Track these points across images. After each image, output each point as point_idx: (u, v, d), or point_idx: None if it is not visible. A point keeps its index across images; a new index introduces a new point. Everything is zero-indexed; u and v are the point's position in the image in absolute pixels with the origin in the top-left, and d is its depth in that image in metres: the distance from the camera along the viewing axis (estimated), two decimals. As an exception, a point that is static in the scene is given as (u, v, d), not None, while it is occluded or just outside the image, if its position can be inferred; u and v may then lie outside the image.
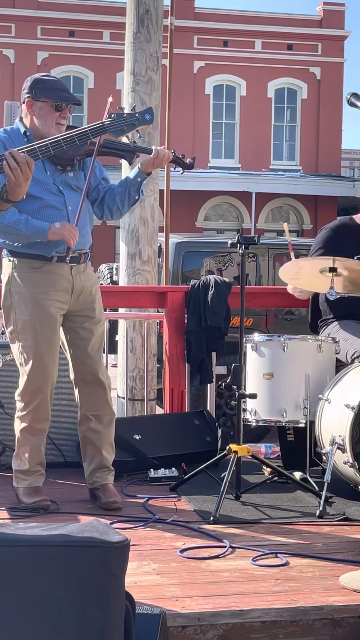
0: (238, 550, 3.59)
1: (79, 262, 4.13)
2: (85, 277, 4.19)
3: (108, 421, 4.27)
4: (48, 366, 4.09)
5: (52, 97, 4.02)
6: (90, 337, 4.19)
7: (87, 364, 4.19)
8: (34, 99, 4.04)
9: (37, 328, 4.06)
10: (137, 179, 4.17)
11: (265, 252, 9.25)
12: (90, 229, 4.25)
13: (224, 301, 5.45)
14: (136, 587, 3.10)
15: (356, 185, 25.72)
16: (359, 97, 3.54)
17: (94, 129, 3.83)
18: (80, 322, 4.19)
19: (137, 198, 4.22)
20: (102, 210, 4.27)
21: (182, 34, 23.48)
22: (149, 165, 4.14)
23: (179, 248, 8.96)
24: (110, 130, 3.85)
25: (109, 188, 4.24)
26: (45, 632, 2.27)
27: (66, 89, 4.12)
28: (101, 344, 4.26)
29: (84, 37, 26.51)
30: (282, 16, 28.39)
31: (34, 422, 4.13)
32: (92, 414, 4.23)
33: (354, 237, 4.90)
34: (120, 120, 3.85)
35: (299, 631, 2.99)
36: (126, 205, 4.23)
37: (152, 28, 6.04)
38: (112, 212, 4.25)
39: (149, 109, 3.96)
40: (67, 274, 4.10)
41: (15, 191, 3.50)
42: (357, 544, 3.69)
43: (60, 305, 4.11)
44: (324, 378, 4.50)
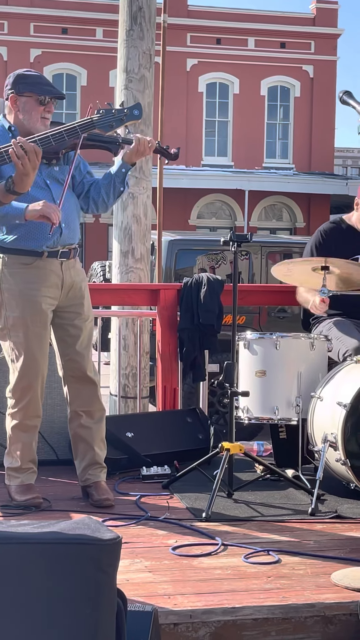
0: (230, 547, 3.60)
1: (68, 257, 4.13)
2: (75, 273, 4.18)
3: (99, 417, 4.27)
4: (39, 362, 4.09)
5: (36, 92, 4.00)
6: (79, 334, 4.19)
7: (76, 360, 4.19)
8: (17, 95, 4.02)
9: (28, 324, 4.06)
10: (122, 169, 4.13)
11: (257, 250, 9.25)
12: (78, 223, 4.24)
13: (216, 299, 5.45)
14: (128, 585, 3.10)
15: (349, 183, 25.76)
16: (351, 95, 3.54)
17: (82, 125, 3.83)
18: (70, 318, 4.18)
19: (122, 190, 4.18)
20: (87, 203, 4.25)
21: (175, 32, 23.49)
22: (132, 155, 4.09)
23: (172, 246, 8.95)
24: (98, 126, 3.85)
25: (94, 181, 4.23)
26: (37, 629, 2.27)
27: (49, 83, 4.09)
28: (90, 341, 4.25)
29: (77, 35, 26.50)
30: (276, 14, 28.41)
31: (25, 419, 4.12)
32: (82, 410, 4.23)
33: (346, 237, 4.91)
34: (108, 116, 3.85)
35: (290, 628, 3.00)
36: (111, 197, 4.20)
37: (145, 25, 6.03)
38: (97, 204, 4.23)
39: (137, 105, 3.95)
40: (57, 270, 4.10)
41: (23, 181, 3.61)
42: (349, 542, 3.70)
43: (51, 301, 4.11)
44: (316, 376, 4.51)
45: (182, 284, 5.58)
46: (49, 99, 4.02)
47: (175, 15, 23.57)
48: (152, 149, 4.11)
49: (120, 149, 4.12)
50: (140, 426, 5.04)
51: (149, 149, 4.09)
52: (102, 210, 4.34)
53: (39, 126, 3.98)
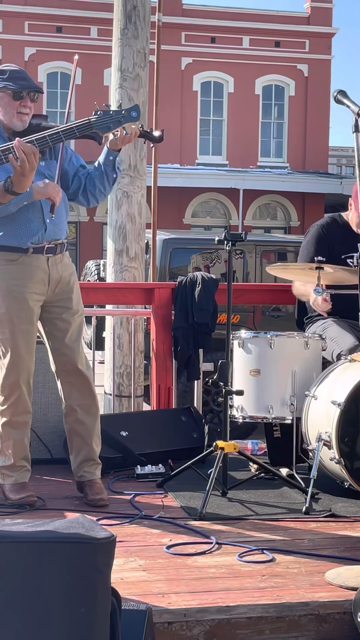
0: (224, 546, 3.60)
1: (55, 252, 4.12)
2: (63, 268, 4.17)
3: (94, 412, 4.27)
4: (25, 359, 4.08)
5: (11, 87, 3.97)
6: (67, 328, 4.18)
7: (66, 354, 4.19)
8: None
9: (14, 321, 4.05)
10: (109, 157, 4.12)
11: (252, 249, 9.26)
12: (66, 220, 4.23)
13: (211, 298, 5.45)
14: (122, 584, 3.10)
15: (343, 182, 25.78)
16: (346, 95, 3.54)
17: (80, 126, 3.83)
18: (58, 313, 4.18)
19: (114, 176, 4.17)
20: (86, 197, 4.24)
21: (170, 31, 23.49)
22: (114, 143, 4.06)
23: (166, 245, 8.95)
24: (96, 128, 3.86)
25: (88, 173, 4.21)
26: (31, 627, 2.27)
27: (26, 78, 4.04)
28: (79, 335, 4.24)
29: (72, 33, 26.49)
30: (270, 13, 28.42)
31: (15, 416, 4.12)
32: (77, 405, 4.23)
33: (342, 234, 4.92)
34: (106, 118, 3.86)
35: (284, 627, 3.00)
36: (107, 186, 4.19)
37: (140, 24, 6.03)
38: (96, 195, 4.22)
39: (135, 106, 3.95)
40: (43, 265, 4.09)
41: (22, 181, 3.73)
42: (343, 540, 3.71)
43: (37, 297, 4.10)
44: (311, 375, 4.51)
45: (176, 282, 5.58)
46: (26, 93, 4.00)
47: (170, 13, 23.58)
48: (136, 134, 4.09)
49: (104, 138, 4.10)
50: (135, 425, 5.04)
51: (133, 135, 4.08)
52: (101, 199, 4.31)
53: (15, 121, 3.99)
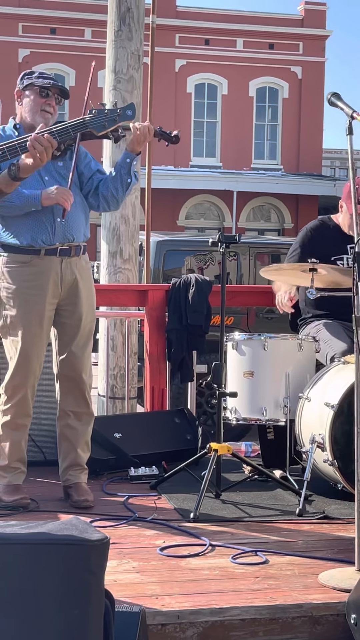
0: (218, 548, 3.60)
1: (69, 254, 4.11)
2: (77, 270, 4.16)
3: (86, 420, 4.27)
4: (32, 362, 4.09)
5: (37, 84, 4.07)
6: (76, 333, 4.19)
7: (70, 360, 4.19)
8: (21, 90, 4.11)
9: (24, 324, 4.06)
10: (126, 159, 4.12)
11: (246, 251, 9.27)
12: (84, 223, 4.20)
13: (204, 300, 5.45)
14: (116, 586, 3.10)
15: (337, 184, 25.81)
16: (339, 97, 3.54)
17: (74, 125, 3.84)
18: (68, 316, 4.18)
19: (129, 181, 4.15)
20: (97, 200, 4.22)
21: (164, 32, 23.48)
22: (133, 143, 4.08)
23: (160, 246, 8.96)
24: (91, 127, 3.86)
25: (104, 178, 4.21)
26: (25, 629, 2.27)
27: (52, 78, 4.14)
28: (87, 342, 4.24)
29: (66, 35, 26.47)
30: (264, 15, 28.44)
31: (16, 417, 4.13)
32: (70, 410, 4.24)
33: (332, 236, 4.92)
34: (101, 116, 3.86)
35: (278, 629, 3.00)
36: (120, 190, 4.16)
37: (134, 26, 6.03)
38: (108, 200, 4.19)
39: (130, 105, 3.94)
40: (56, 267, 4.09)
41: (31, 170, 3.81)
42: (337, 542, 3.71)
43: (50, 300, 4.10)
44: (304, 377, 4.52)
45: (170, 284, 5.58)
46: (51, 93, 4.06)
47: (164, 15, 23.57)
48: (151, 133, 4.09)
49: (120, 137, 4.10)
50: (128, 427, 5.04)
51: (149, 134, 4.08)
52: (114, 206, 4.30)
53: (37, 118, 4.03)
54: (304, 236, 5.00)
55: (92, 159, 4.27)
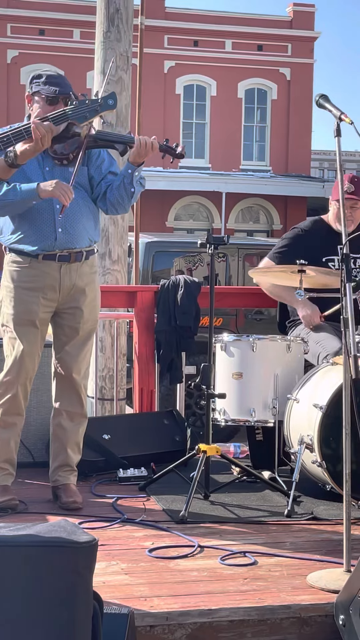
0: (207, 549, 3.60)
1: (69, 260, 4.11)
2: (78, 276, 4.16)
3: (78, 421, 4.27)
4: (25, 361, 4.09)
5: (44, 91, 4.06)
6: (74, 335, 4.19)
7: (65, 360, 4.20)
8: (31, 95, 4.12)
9: (18, 322, 4.09)
10: (128, 170, 4.12)
11: (235, 252, 9.28)
12: (90, 225, 4.19)
13: (193, 301, 5.46)
14: (105, 587, 3.10)
15: (325, 185, 25.84)
16: (327, 99, 3.55)
17: (55, 117, 3.83)
18: (67, 319, 4.20)
19: (133, 191, 4.14)
20: (105, 205, 4.22)
21: (153, 34, 23.49)
22: (135, 155, 4.08)
23: (149, 248, 8.96)
24: (72, 118, 3.84)
25: (111, 183, 4.20)
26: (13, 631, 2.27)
27: (61, 84, 4.10)
28: (84, 343, 4.23)
29: (54, 36, 26.43)
30: (252, 17, 28.47)
31: (5, 415, 4.13)
32: (64, 410, 4.25)
33: (323, 237, 4.93)
34: (82, 107, 3.83)
35: (266, 630, 3.01)
36: (125, 198, 4.16)
37: (123, 27, 6.03)
38: (115, 206, 4.20)
39: (111, 94, 3.91)
40: (54, 272, 4.10)
41: (30, 156, 3.85)
42: (325, 543, 3.72)
43: (45, 303, 4.11)
44: (293, 378, 4.52)
45: (159, 285, 5.58)
46: (59, 99, 4.05)
47: (153, 17, 23.58)
48: (155, 148, 4.10)
49: (127, 148, 4.11)
50: (117, 428, 5.04)
51: (152, 148, 4.08)
52: (122, 212, 4.32)
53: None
54: (295, 235, 5.01)
55: (106, 158, 4.25)
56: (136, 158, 4.09)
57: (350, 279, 3.31)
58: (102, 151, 4.24)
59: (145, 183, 4.22)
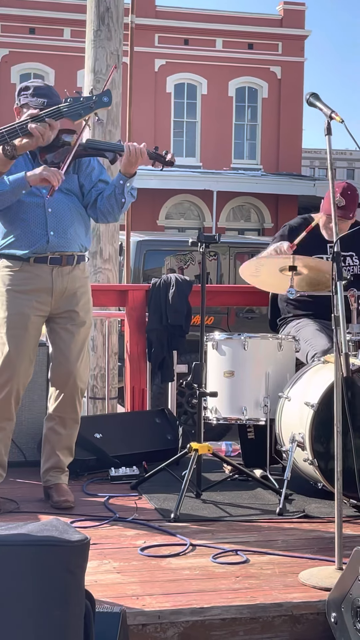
0: (198, 548, 3.61)
1: (61, 263, 4.10)
2: (70, 279, 4.15)
3: (71, 426, 4.27)
4: (15, 365, 4.07)
5: (33, 104, 4.00)
6: (70, 339, 4.17)
7: (63, 364, 4.18)
8: (20, 107, 4.08)
9: (8, 326, 4.07)
10: (120, 181, 4.11)
11: (226, 251, 9.28)
12: (81, 232, 4.19)
13: (184, 299, 5.46)
14: (97, 586, 3.10)
15: (316, 184, 25.86)
16: (318, 97, 3.55)
17: (49, 113, 3.82)
18: (62, 323, 4.18)
19: (123, 201, 4.14)
20: (95, 213, 4.22)
21: (143, 32, 23.46)
22: (126, 164, 4.07)
23: (140, 246, 8.96)
24: (67, 115, 3.83)
25: (102, 191, 4.19)
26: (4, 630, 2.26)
27: (49, 95, 4.05)
28: (82, 347, 4.22)
29: (45, 35, 26.39)
30: (243, 15, 28.47)
31: None
32: (57, 415, 4.23)
33: (313, 235, 4.93)
34: (76, 104, 3.82)
35: (258, 628, 3.01)
36: (116, 209, 4.16)
37: (113, 26, 6.03)
38: (105, 214, 4.20)
39: (106, 92, 3.89)
40: (46, 275, 4.09)
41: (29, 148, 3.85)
42: (317, 541, 3.72)
43: (37, 306, 4.10)
44: (284, 376, 4.53)
45: (150, 284, 5.58)
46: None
47: (143, 15, 23.55)
48: (144, 155, 4.08)
49: (117, 157, 4.10)
50: (109, 427, 5.04)
51: (142, 156, 4.07)
52: (112, 220, 4.33)
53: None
54: (286, 232, 5.01)
55: (96, 166, 4.24)
56: (127, 167, 4.08)
57: (341, 277, 3.32)
58: (92, 159, 4.22)
59: (136, 194, 4.22)
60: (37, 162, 4.06)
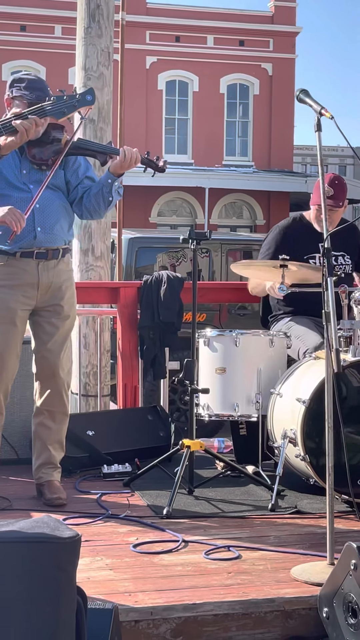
0: (191, 544, 3.61)
1: (46, 258, 4.11)
2: (55, 274, 4.16)
3: (60, 419, 4.27)
4: (4, 359, 4.08)
5: (26, 97, 3.99)
6: (54, 332, 4.19)
7: (47, 357, 4.20)
8: (11, 98, 4.06)
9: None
10: (108, 180, 4.12)
11: (218, 248, 9.28)
12: (66, 228, 4.21)
13: (176, 296, 5.46)
14: (89, 583, 3.11)
15: (308, 180, 25.85)
16: (308, 94, 3.56)
17: (32, 111, 3.81)
18: (47, 317, 4.19)
19: (111, 200, 4.16)
20: (81, 210, 4.23)
21: (134, 29, 23.44)
22: (117, 167, 4.08)
23: (132, 244, 8.95)
24: (50, 114, 3.82)
25: (88, 188, 4.20)
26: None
27: (43, 89, 4.04)
28: (65, 340, 4.24)
29: (36, 32, 26.36)
30: (234, 12, 28.46)
31: None
32: (45, 409, 4.24)
33: (305, 234, 4.94)
34: (60, 103, 3.81)
35: (251, 623, 3.02)
36: (102, 206, 4.18)
37: (104, 23, 6.02)
38: (91, 212, 4.22)
39: (89, 90, 3.90)
40: (32, 270, 4.09)
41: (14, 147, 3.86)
42: (309, 537, 3.73)
43: (23, 300, 4.10)
44: (276, 372, 4.54)
45: (142, 281, 5.58)
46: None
47: (134, 12, 23.52)
48: (137, 160, 4.10)
49: (108, 158, 4.11)
50: (101, 424, 5.04)
51: (136, 161, 4.09)
52: (96, 218, 4.37)
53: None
54: (277, 235, 5.01)
55: (82, 163, 4.25)
56: (118, 169, 4.10)
57: (332, 273, 3.33)
58: (79, 156, 4.23)
59: (122, 192, 4.23)
60: (24, 156, 4.06)
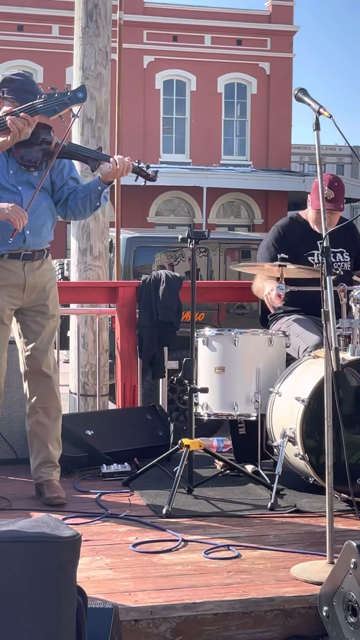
0: (190, 543, 3.61)
1: (32, 259, 4.14)
2: (40, 274, 4.18)
3: (55, 416, 4.28)
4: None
5: (17, 99, 3.96)
6: (41, 330, 4.21)
7: (34, 356, 4.21)
8: (2, 98, 4.04)
9: None
10: (98, 187, 4.15)
11: (216, 247, 9.28)
12: (50, 228, 4.23)
13: (175, 296, 5.46)
14: (89, 582, 3.11)
15: (306, 179, 25.86)
16: (306, 93, 3.56)
17: (23, 110, 3.80)
18: (33, 316, 4.21)
19: (98, 205, 4.19)
20: (65, 211, 4.25)
21: (132, 29, 23.44)
22: (108, 175, 4.10)
23: (130, 243, 8.95)
24: (41, 112, 3.80)
25: (74, 190, 4.21)
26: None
27: (32, 91, 4.01)
28: (51, 338, 4.27)
29: (33, 32, 26.35)
30: (232, 11, 28.45)
31: None
32: (39, 407, 4.25)
33: (303, 233, 4.94)
34: (51, 101, 3.78)
35: (250, 622, 3.02)
36: (88, 210, 4.21)
37: (101, 23, 6.02)
38: (75, 214, 4.24)
39: (81, 87, 3.87)
40: (18, 271, 4.11)
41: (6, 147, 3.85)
42: (308, 536, 3.73)
43: (10, 300, 4.11)
44: (275, 371, 4.54)
45: (140, 281, 5.58)
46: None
47: (131, 12, 23.49)
48: (129, 169, 4.12)
49: (99, 164, 4.11)
50: (100, 424, 5.04)
51: (127, 169, 4.10)
52: (80, 219, 4.46)
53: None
54: (275, 235, 5.01)
55: (67, 164, 4.25)
56: (109, 177, 4.12)
57: (331, 272, 3.33)
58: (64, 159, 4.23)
59: (108, 196, 4.25)
60: (11, 157, 4.06)
